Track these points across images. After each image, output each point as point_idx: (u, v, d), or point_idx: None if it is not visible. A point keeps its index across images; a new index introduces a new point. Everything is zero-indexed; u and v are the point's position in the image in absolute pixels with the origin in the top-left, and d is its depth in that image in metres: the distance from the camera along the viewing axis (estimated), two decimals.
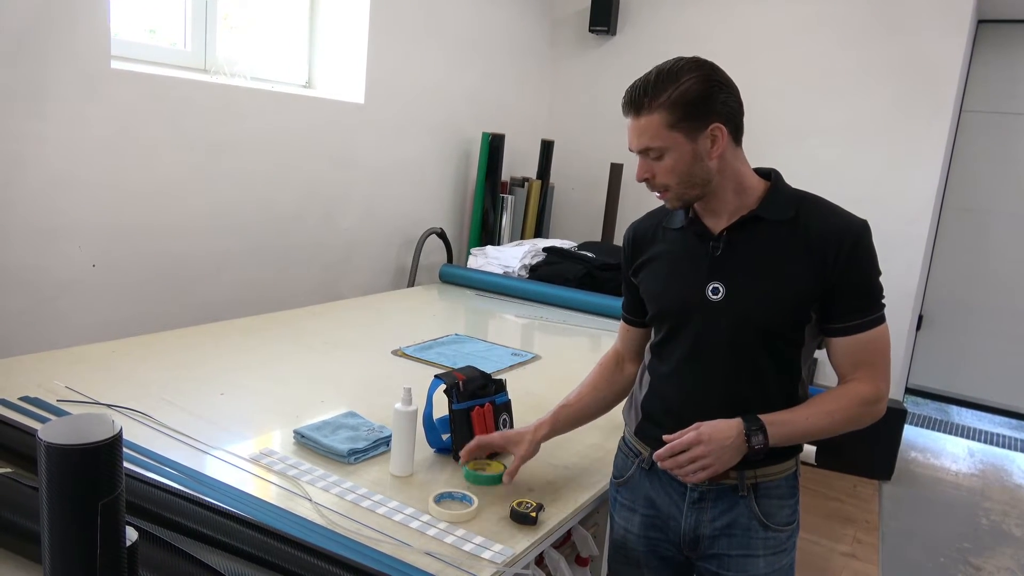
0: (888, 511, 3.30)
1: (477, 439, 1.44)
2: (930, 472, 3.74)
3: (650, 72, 1.23)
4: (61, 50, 2.10)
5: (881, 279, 1.27)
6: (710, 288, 1.28)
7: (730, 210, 1.29)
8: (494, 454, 1.50)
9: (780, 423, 1.22)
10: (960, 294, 4.30)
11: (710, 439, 1.20)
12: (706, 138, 1.23)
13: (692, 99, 1.21)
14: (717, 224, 1.30)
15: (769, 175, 1.32)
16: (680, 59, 1.23)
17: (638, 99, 1.22)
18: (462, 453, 1.43)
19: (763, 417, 1.22)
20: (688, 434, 1.22)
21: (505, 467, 1.41)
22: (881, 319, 1.26)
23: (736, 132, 1.26)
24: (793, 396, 1.30)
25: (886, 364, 1.27)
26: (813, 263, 1.23)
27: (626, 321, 1.50)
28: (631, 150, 1.27)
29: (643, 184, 1.29)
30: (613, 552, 1.47)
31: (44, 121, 2.10)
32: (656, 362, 1.38)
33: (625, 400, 1.50)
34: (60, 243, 2.19)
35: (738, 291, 1.26)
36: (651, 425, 1.36)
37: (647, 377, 1.40)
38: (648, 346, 1.43)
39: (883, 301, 1.26)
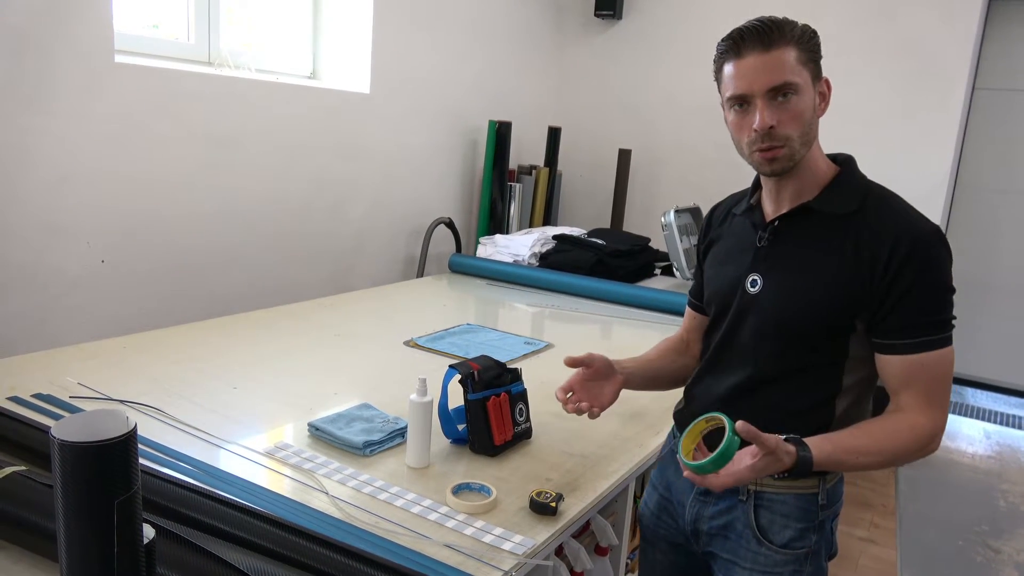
0: (905, 495, 3.27)
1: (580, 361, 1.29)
2: (946, 455, 3.71)
3: (755, 18, 1.10)
4: (64, 44, 2.08)
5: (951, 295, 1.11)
6: (749, 280, 1.21)
7: (792, 194, 1.18)
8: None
9: (829, 465, 1.08)
10: (974, 274, 4.25)
11: (750, 480, 1.07)
12: (819, 90, 1.14)
13: (815, 41, 1.12)
14: (776, 210, 1.20)
15: (843, 161, 1.20)
16: None
17: (766, 32, 1.08)
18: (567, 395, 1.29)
19: (816, 458, 1.07)
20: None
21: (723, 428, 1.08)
22: (944, 342, 1.10)
23: None
24: (828, 413, 1.17)
25: (945, 393, 1.11)
26: (860, 265, 1.10)
27: (689, 305, 1.45)
28: (750, 93, 1.10)
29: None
30: (639, 525, 1.47)
31: (49, 116, 2.08)
32: (703, 350, 1.34)
33: None
34: (68, 239, 2.18)
35: (773, 286, 1.18)
36: (685, 410, 1.35)
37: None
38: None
39: (951, 323, 1.11)
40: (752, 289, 1.20)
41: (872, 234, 1.11)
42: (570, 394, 1.32)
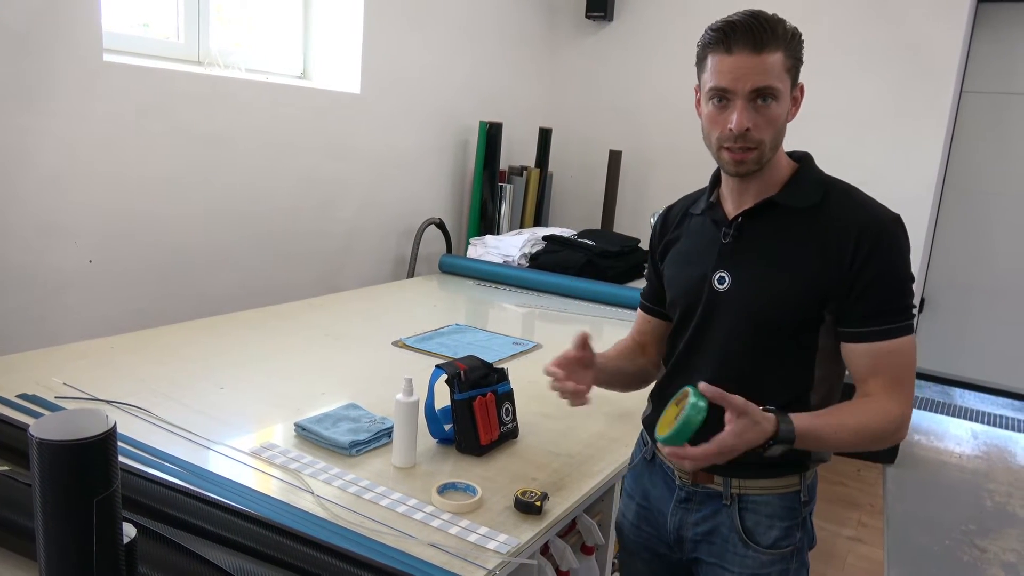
0: (893, 494, 3.29)
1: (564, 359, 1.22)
2: (934, 455, 3.73)
3: (744, 11, 1.09)
4: (52, 43, 2.07)
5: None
6: (716, 277, 1.20)
7: (755, 191, 1.18)
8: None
9: (809, 439, 1.08)
10: (962, 276, 4.28)
11: (734, 446, 1.04)
12: (793, 95, 1.14)
13: (800, 45, 1.11)
14: (738, 208, 1.20)
15: (801, 158, 1.22)
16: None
17: (760, 32, 1.07)
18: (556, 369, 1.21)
19: (797, 427, 1.06)
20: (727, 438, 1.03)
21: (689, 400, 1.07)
22: (907, 329, 1.11)
23: None
24: (803, 407, 1.17)
25: (910, 381, 1.13)
26: (828, 257, 1.11)
27: (643, 308, 1.43)
28: (733, 90, 1.10)
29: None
30: (617, 536, 1.45)
31: (36, 116, 2.07)
32: (668, 353, 1.33)
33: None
34: (56, 239, 2.17)
35: (742, 282, 1.18)
36: (653, 415, 1.33)
37: (663, 367, 1.36)
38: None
39: (912, 310, 1.13)
40: (720, 286, 1.20)
41: (838, 225, 1.13)
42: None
